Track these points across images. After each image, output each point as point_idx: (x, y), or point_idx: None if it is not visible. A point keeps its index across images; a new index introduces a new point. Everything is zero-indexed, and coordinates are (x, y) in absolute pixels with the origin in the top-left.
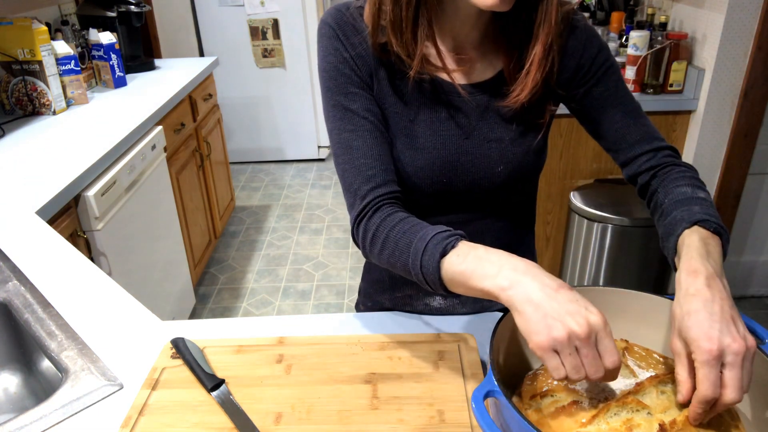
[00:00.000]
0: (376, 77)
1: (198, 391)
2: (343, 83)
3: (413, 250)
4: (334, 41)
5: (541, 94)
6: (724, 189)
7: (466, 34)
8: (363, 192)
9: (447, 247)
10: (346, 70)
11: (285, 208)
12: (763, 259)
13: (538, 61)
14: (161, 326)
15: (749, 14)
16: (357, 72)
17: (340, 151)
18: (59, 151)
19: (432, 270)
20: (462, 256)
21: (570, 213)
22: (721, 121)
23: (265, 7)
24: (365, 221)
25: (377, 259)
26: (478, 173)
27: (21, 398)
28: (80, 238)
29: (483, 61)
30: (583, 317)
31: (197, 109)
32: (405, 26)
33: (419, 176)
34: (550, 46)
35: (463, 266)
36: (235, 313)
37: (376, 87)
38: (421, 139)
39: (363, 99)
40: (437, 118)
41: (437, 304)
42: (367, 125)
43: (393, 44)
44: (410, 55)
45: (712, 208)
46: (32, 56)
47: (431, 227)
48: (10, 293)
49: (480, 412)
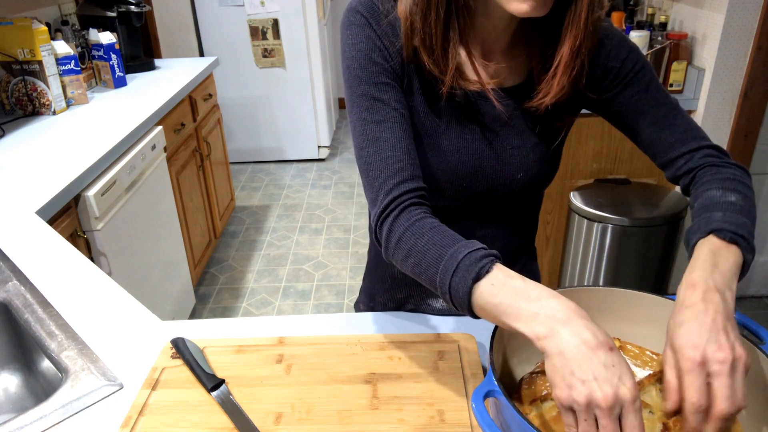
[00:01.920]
0: (407, 74)
1: (198, 391)
2: (374, 72)
3: (443, 267)
4: (366, 29)
5: (566, 99)
6: None
7: (495, 39)
8: (388, 186)
9: (481, 272)
10: (378, 58)
11: (285, 208)
12: (763, 259)
13: (564, 64)
14: (161, 326)
15: (749, 14)
16: (390, 62)
17: (366, 143)
18: (59, 151)
19: (462, 294)
20: (498, 287)
21: (570, 213)
22: (721, 121)
23: (265, 7)
24: (390, 221)
25: (400, 264)
26: (498, 179)
27: (21, 398)
28: (80, 238)
29: (511, 66)
30: (612, 387)
31: (197, 109)
32: (435, 43)
33: (440, 179)
34: (578, 49)
35: (497, 299)
36: (235, 313)
37: (405, 83)
38: (445, 142)
39: (394, 90)
40: (464, 122)
41: (439, 305)
42: (398, 117)
43: (425, 62)
44: (442, 71)
45: (738, 213)
46: (32, 56)
47: (464, 243)
48: (10, 293)
49: (480, 412)
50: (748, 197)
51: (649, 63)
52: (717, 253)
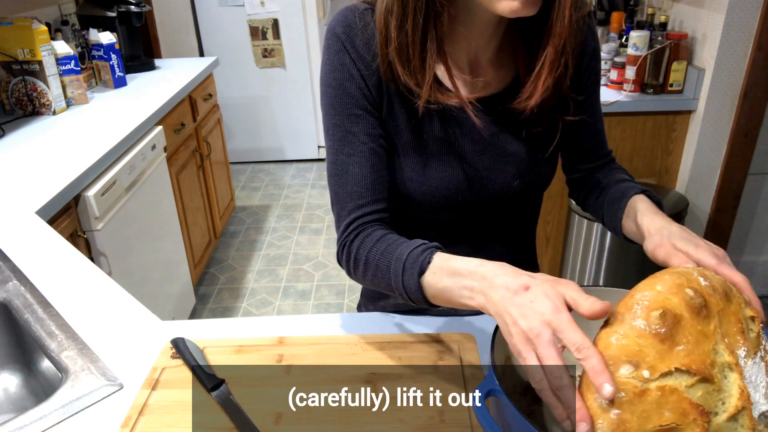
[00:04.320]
0: (386, 93)
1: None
2: (347, 103)
3: (393, 271)
4: (342, 55)
5: (554, 101)
6: (724, 189)
7: (483, 46)
8: (350, 218)
9: (423, 265)
10: (352, 89)
11: (285, 208)
12: (763, 259)
13: (550, 62)
14: (161, 326)
15: (749, 14)
16: (363, 90)
17: (335, 171)
18: (59, 151)
19: (415, 290)
20: (439, 274)
21: (570, 213)
22: (721, 121)
23: (265, 7)
24: (348, 244)
25: (363, 282)
26: (494, 188)
27: (21, 398)
28: (80, 238)
29: (499, 72)
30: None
31: (197, 109)
32: (412, 52)
33: (434, 195)
34: (563, 48)
35: (442, 284)
36: (235, 313)
37: (386, 103)
38: (434, 157)
39: (365, 122)
40: (451, 136)
41: (441, 307)
42: (366, 151)
43: (399, 74)
44: (419, 83)
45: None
46: (32, 56)
47: (406, 243)
48: (10, 293)
49: (480, 412)
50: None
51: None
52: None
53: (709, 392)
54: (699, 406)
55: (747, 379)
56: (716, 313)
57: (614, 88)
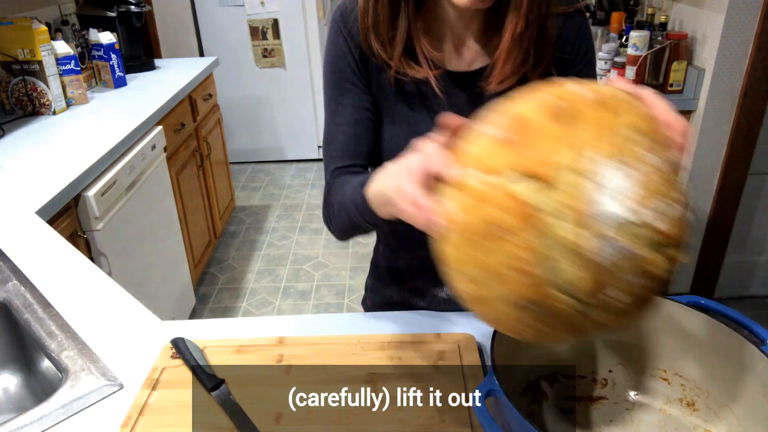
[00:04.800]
0: (375, 67)
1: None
2: (338, 78)
3: (350, 202)
4: (337, 36)
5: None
6: (724, 189)
7: (463, 26)
8: (327, 178)
9: (364, 182)
10: (342, 65)
11: (285, 208)
12: (763, 259)
13: (505, 52)
14: (161, 326)
15: (749, 14)
16: (353, 66)
17: (325, 139)
18: (59, 151)
19: (363, 206)
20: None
21: None
22: (721, 121)
23: (265, 7)
24: (327, 199)
25: (339, 233)
26: None
27: (21, 398)
28: (80, 238)
29: (483, 52)
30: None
31: (197, 109)
32: (383, 26)
33: None
34: (519, 38)
35: (374, 188)
36: (235, 313)
37: (374, 76)
38: (413, 128)
39: (353, 95)
40: (430, 110)
41: (444, 295)
42: (352, 121)
43: (373, 45)
44: (390, 56)
45: None
46: (32, 56)
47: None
48: (10, 293)
49: (480, 412)
50: None
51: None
52: None
53: (546, 194)
54: (531, 206)
55: (595, 181)
56: (587, 119)
57: None
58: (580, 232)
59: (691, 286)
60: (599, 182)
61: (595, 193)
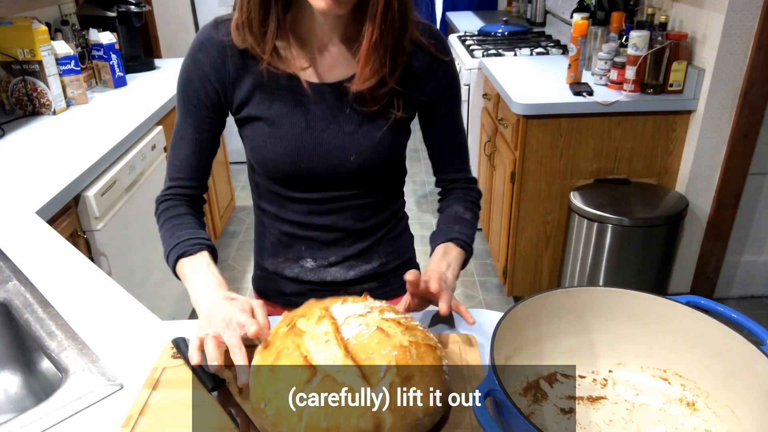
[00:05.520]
0: (236, 79)
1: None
2: (184, 101)
3: (166, 245)
4: (190, 60)
5: (382, 92)
6: (724, 189)
7: (326, 33)
8: (167, 184)
9: (186, 252)
10: (189, 89)
11: None
12: (763, 259)
13: (364, 56)
14: (161, 326)
15: (749, 14)
16: (206, 89)
17: (171, 144)
18: (59, 151)
19: (170, 264)
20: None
21: (570, 213)
22: (721, 121)
23: None
24: (160, 203)
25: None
26: (332, 161)
27: (21, 398)
28: (80, 238)
29: (344, 60)
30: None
31: None
32: (254, 24)
33: (280, 161)
34: (374, 45)
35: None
36: None
37: (237, 90)
38: (281, 129)
39: (197, 118)
40: (297, 110)
41: (309, 266)
42: (193, 140)
43: (247, 39)
44: (262, 50)
45: (469, 229)
46: (32, 56)
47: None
48: (10, 293)
49: (480, 412)
50: (475, 216)
51: (461, 96)
52: (447, 252)
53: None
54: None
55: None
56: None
57: (614, 88)
58: None
59: (691, 286)
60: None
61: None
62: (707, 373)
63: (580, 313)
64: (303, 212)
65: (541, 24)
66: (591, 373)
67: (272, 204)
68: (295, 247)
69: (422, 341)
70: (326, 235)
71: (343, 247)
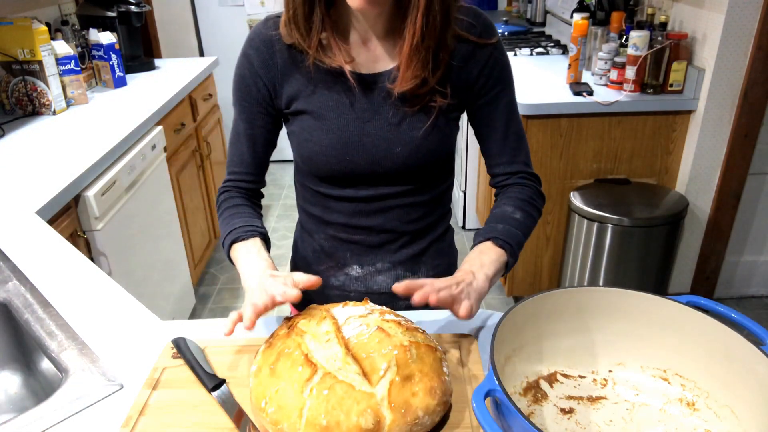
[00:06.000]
0: (284, 74)
1: (199, 391)
2: (238, 97)
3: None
4: (243, 57)
5: (424, 90)
6: (724, 189)
7: (370, 26)
8: (227, 176)
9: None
10: (242, 85)
11: (285, 208)
12: (763, 259)
13: (406, 59)
14: (161, 326)
15: (749, 14)
16: (256, 85)
17: (230, 140)
18: (59, 151)
19: (225, 247)
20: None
21: (570, 213)
22: (721, 121)
23: (265, 7)
24: (220, 194)
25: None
26: (378, 153)
27: (21, 398)
28: (80, 238)
29: (387, 53)
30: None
31: (197, 109)
32: (299, 20)
33: (326, 154)
34: (416, 47)
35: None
36: None
37: (286, 85)
38: (327, 121)
39: (250, 112)
40: (342, 103)
41: (355, 273)
42: (248, 135)
43: (294, 35)
44: (308, 45)
45: (516, 228)
46: (32, 56)
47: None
48: (10, 293)
49: (480, 412)
50: (529, 216)
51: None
52: (483, 252)
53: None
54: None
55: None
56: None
57: (614, 88)
58: None
59: (691, 286)
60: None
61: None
62: (707, 373)
63: (580, 313)
64: (349, 213)
65: (541, 24)
66: (591, 373)
67: (317, 206)
68: (339, 253)
69: (422, 342)
70: (373, 237)
71: (390, 251)
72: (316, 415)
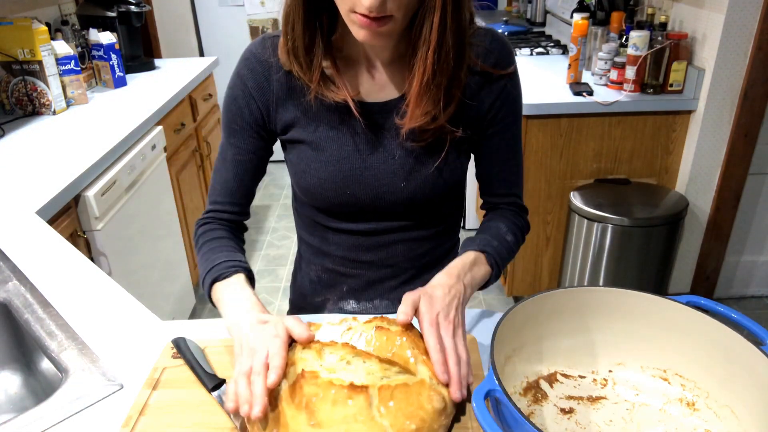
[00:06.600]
0: (280, 100)
1: (199, 391)
2: (229, 119)
3: (202, 267)
4: (236, 77)
5: (435, 126)
6: (724, 189)
7: (376, 54)
8: (207, 207)
9: (221, 276)
10: (234, 107)
11: (285, 208)
12: (763, 259)
13: (415, 97)
14: (161, 326)
15: (749, 14)
16: (249, 107)
17: (215, 165)
18: (59, 151)
19: (205, 287)
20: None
21: (570, 213)
22: (721, 121)
23: (265, 7)
24: (199, 225)
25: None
26: (381, 187)
27: (21, 398)
28: (80, 238)
29: (394, 80)
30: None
31: (197, 109)
32: (299, 53)
33: (325, 186)
34: (426, 86)
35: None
36: None
37: (281, 110)
38: (326, 152)
39: (241, 137)
40: (343, 133)
41: (350, 308)
42: (235, 161)
43: (293, 68)
44: (310, 79)
45: (506, 252)
46: (32, 56)
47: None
48: (10, 293)
49: (480, 412)
50: (518, 243)
51: (521, 113)
52: (476, 264)
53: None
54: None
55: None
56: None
57: (614, 88)
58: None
59: (691, 286)
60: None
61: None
62: (707, 373)
63: (580, 313)
64: (348, 246)
65: (541, 24)
66: (591, 373)
67: (315, 236)
68: (337, 287)
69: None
70: (372, 272)
71: (390, 288)
72: (402, 426)
